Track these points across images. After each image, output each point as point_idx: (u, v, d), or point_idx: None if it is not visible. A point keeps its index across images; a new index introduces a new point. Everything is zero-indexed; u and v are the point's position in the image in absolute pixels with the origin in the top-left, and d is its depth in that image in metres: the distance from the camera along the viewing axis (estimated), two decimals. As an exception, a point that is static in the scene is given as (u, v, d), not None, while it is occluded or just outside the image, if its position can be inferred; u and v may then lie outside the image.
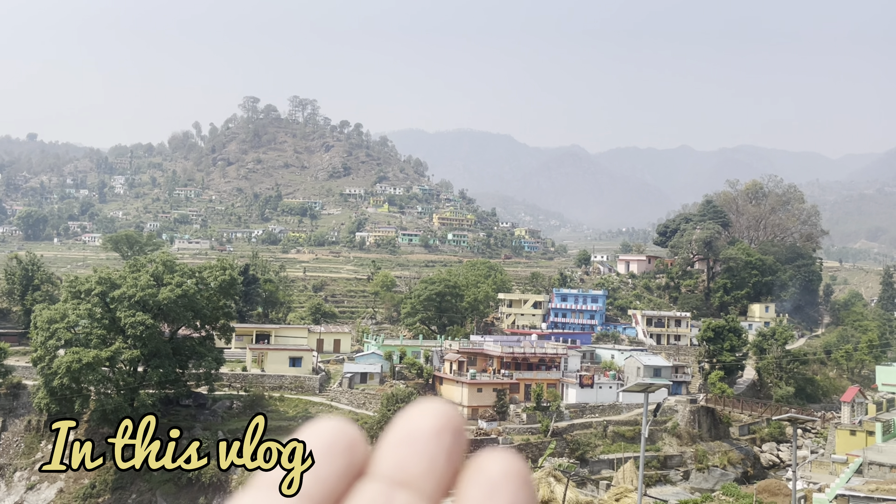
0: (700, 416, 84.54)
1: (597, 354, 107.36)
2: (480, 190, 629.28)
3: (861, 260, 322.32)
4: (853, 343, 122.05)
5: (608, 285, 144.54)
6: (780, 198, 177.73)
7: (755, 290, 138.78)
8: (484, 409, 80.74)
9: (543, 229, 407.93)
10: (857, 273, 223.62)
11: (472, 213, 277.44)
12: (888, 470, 45.55)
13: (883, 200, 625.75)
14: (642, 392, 20.92)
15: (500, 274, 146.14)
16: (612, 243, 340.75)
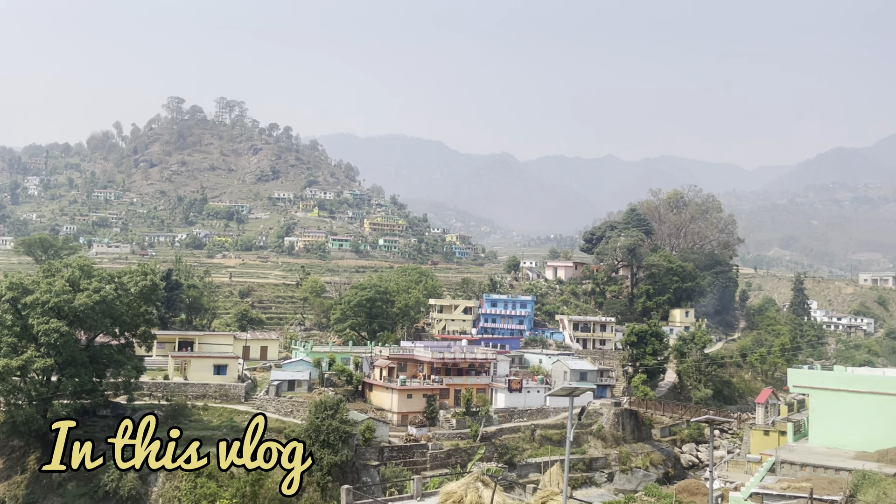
0: (624, 419, 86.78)
1: (525, 359, 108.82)
2: (412, 196, 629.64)
3: (774, 267, 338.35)
4: (767, 346, 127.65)
5: (537, 291, 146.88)
6: (700, 207, 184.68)
7: (676, 296, 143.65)
8: (414, 414, 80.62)
9: (474, 235, 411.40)
10: (771, 279, 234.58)
11: (404, 219, 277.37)
12: (799, 468, 47.70)
13: (794, 210, 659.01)
14: (567, 396, 21.33)
15: (431, 280, 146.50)
16: (541, 250, 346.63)
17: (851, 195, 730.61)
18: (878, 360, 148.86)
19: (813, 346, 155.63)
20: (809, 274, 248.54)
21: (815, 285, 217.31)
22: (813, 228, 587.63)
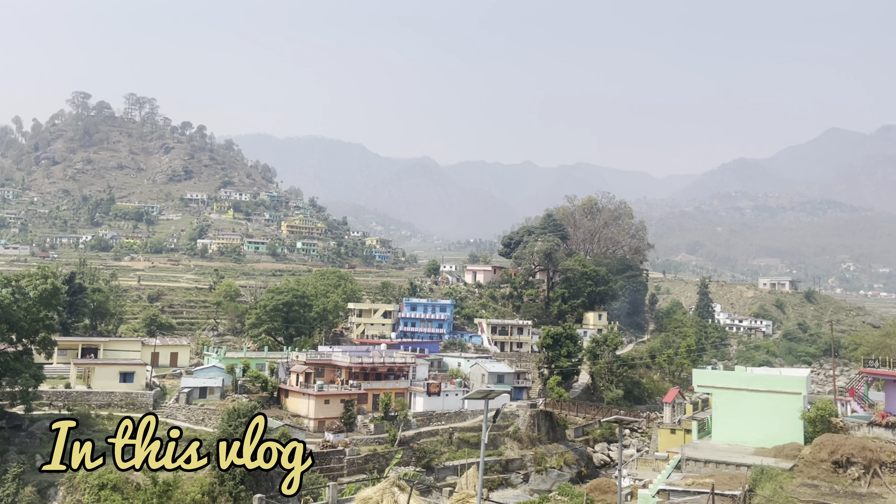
0: (540, 420, 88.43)
1: (444, 363, 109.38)
2: (331, 198, 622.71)
3: (681, 271, 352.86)
4: (674, 348, 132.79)
5: (456, 295, 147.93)
6: (613, 213, 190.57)
7: (590, 299, 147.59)
8: (331, 420, 79.62)
9: (395, 239, 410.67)
10: (678, 283, 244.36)
11: (323, 222, 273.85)
12: (703, 465, 49.92)
13: (700, 217, 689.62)
14: (483, 399, 21.57)
15: (351, 284, 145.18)
16: (461, 254, 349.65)
17: (752, 203, 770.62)
18: (776, 361, 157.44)
19: (716, 348, 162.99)
20: (714, 278, 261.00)
21: (719, 289, 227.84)
22: (717, 235, 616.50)
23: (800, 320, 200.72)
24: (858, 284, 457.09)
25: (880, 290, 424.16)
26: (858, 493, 39.50)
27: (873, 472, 41.53)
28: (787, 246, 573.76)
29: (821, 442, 44.89)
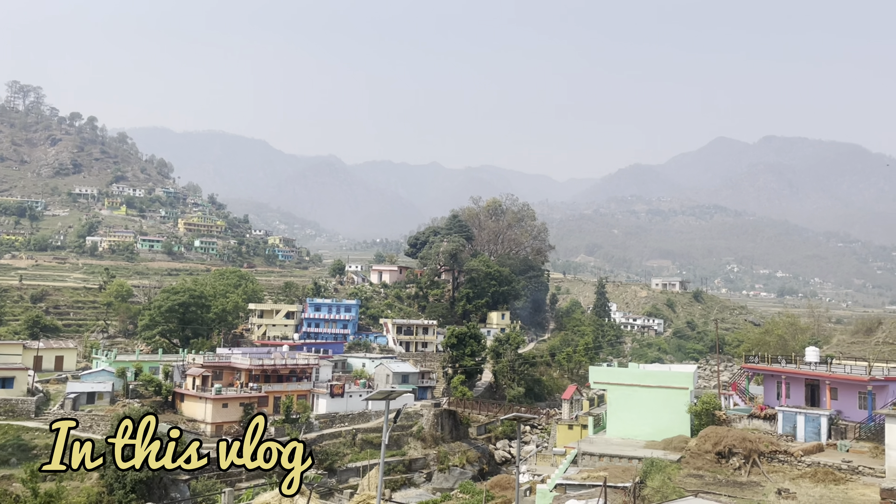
0: (443, 419, 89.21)
1: (349, 363, 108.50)
2: (232, 195, 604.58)
3: (581, 272, 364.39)
4: (573, 346, 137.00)
5: (361, 295, 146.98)
6: (516, 215, 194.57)
7: (494, 299, 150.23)
8: (230, 424, 77.37)
9: (298, 238, 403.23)
10: (577, 284, 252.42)
11: (223, 220, 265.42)
12: (597, 459, 51.82)
13: (599, 220, 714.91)
14: (384, 399, 21.63)
15: (252, 283, 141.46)
16: (367, 254, 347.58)
17: (647, 207, 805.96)
18: (667, 357, 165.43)
19: (612, 345, 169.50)
20: (610, 279, 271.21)
21: (615, 289, 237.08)
22: (614, 237, 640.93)
23: (688, 319, 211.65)
24: (741, 285, 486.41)
25: (761, 290, 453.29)
26: (739, 481, 42.11)
27: (752, 462, 44.40)
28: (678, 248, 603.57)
29: (705, 434, 47.56)
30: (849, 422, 51.16)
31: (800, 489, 39.17)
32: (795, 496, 37.78)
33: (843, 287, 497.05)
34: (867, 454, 44.93)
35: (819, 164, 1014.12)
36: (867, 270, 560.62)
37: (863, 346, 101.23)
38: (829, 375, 54.52)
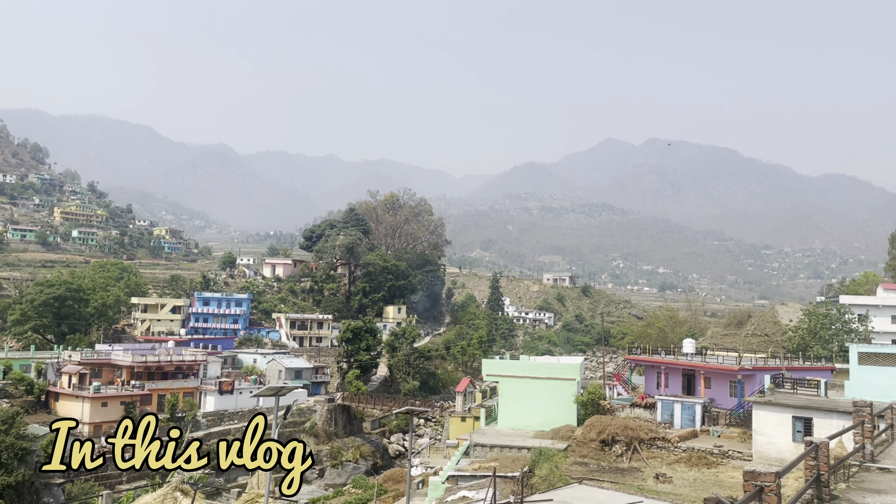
0: (337, 414, 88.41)
1: (239, 359, 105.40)
2: (115, 184, 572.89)
3: (476, 267, 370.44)
4: (467, 339, 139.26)
5: (253, 289, 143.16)
6: (414, 209, 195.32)
7: (390, 293, 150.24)
8: (109, 424, 73.43)
9: (187, 230, 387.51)
10: (473, 278, 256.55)
11: (104, 209, 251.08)
12: (489, 449, 52.91)
13: (494, 216, 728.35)
14: (274, 396, 21.21)
15: (135, 276, 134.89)
16: (260, 246, 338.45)
17: (540, 204, 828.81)
18: (557, 350, 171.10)
19: (505, 338, 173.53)
20: (504, 273, 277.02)
21: (509, 283, 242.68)
22: (508, 233, 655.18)
23: (577, 312, 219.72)
24: (626, 280, 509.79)
25: (644, 286, 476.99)
26: (621, 468, 44.19)
27: (633, 449, 46.70)
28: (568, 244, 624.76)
29: (591, 423, 49.58)
30: (721, 409, 54.78)
31: (676, 473, 41.58)
32: (672, 480, 40.06)
33: (717, 282, 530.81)
34: (736, 439, 48.27)
35: (698, 167, 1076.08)
36: (739, 267, 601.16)
37: (734, 337, 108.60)
38: (704, 366, 58.15)
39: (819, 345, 75.74)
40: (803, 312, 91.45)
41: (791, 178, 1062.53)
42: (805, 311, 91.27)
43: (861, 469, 11.52)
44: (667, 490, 37.15)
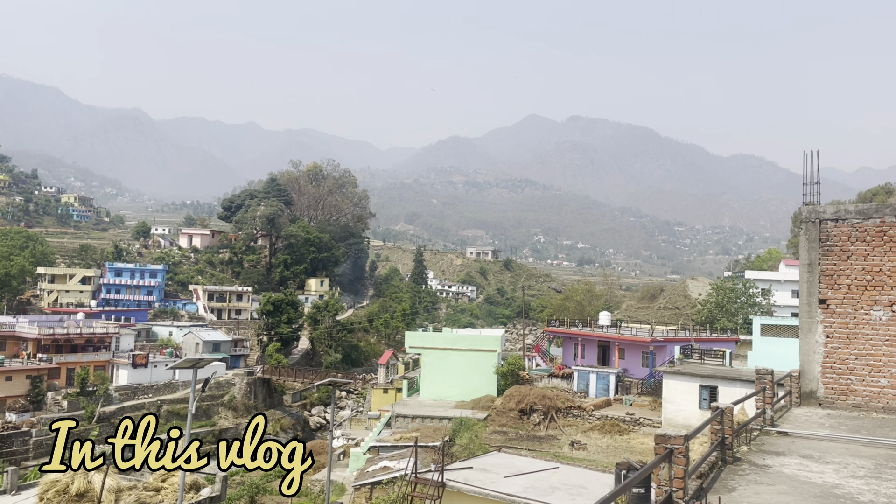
0: (257, 388, 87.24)
1: (154, 332, 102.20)
2: (18, 147, 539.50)
3: (400, 240, 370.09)
4: (391, 312, 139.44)
5: (169, 260, 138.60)
6: (337, 181, 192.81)
7: (313, 266, 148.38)
8: (14, 399, 70.21)
9: (97, 197, 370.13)
10: (397, 251, 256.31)
11: (7, 174, 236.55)
12: (410, 420, 53.48)
13: (419, 189, 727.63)
14: (191, 368, 20.73)
15: (41, 245, 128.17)
16: (176, 216, 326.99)
17: (464, 179, 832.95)
18: (478, 322, 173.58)
19: (429, 311, 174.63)
20: (428, 247, 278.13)
21: (433, 257, 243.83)
22: (433, 206, 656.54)
23: (499, 286, 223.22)
24: (547, 255, 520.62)
25: (563, 260, 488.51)
26: (538, 436, 45.54)
27: (550, 417, 48.18)
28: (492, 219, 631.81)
29: (510, 393, 50.79)
30: (633, 378, 57.10)
31: (590, 440, 43.21)
32: (586, 447, 41.62)
33: (633, 258, 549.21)
34: (647, 407, 50.50)
35: (617, 145, 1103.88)
36: (653, 243, 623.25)
37: (647, 310, 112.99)
38: (618, 337, 60.37)
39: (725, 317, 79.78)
40: (711, 287, 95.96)
41: (704, 157, 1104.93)
42: (713, 286, 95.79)
43: (762, 433, 12.28)
44: (581, 456, 38.58)
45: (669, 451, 6.96)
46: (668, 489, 6.91)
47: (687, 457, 7.00)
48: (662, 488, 6.96)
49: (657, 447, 7.08)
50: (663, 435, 7.12)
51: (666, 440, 7.03)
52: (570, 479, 23.94)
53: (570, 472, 25.50)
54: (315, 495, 49.48)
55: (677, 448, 6.98)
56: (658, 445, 7.08)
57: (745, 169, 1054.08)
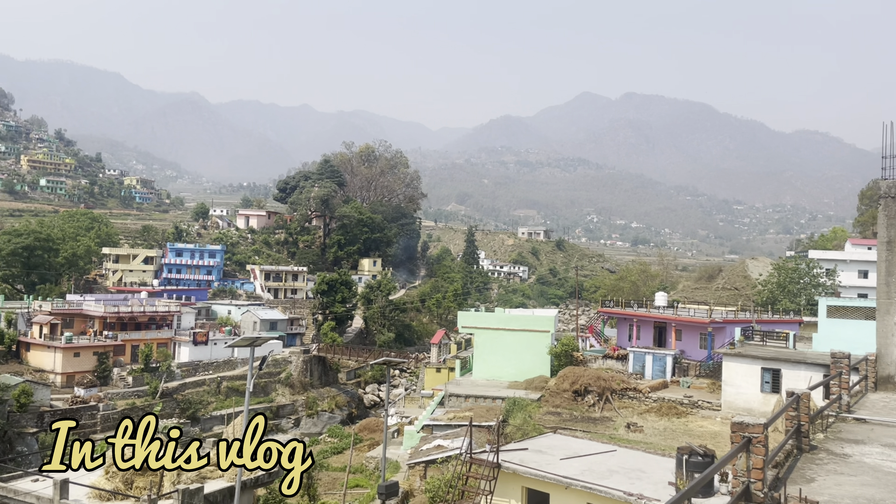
0: (312, 365, 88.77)
1: (213, 311, 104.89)
2: (83, 132, 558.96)
3: (451, 220, 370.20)
4: (443, 292, 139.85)
5: (227, 240, 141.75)
6: (389, 162, 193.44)
7: (365, 246, 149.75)
8: (82, 374, 73.09)
9: (158, 180, 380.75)
10: (448, 232, 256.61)
11: (72, 158, 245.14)
12: (463, 400, 53.59)
13: (470, 169, 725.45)
14: (249, 346, 21.02)
15: (106, 226, 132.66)
16: (233, 197, 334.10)
17: (515, 158, 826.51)
18: (530, 302, 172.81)
19: (480, 291, 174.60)
20: (479, 227, 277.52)
21: (484, 237, 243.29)
22: (484, 186, 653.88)
23: (551, 266, 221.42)
24: (600, 234, 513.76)
25: (617, 240, 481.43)
26: (593, 417, 45.03)
27: (605, 399, 47.56)
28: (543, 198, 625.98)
29: (564, 374, 50.30)
30: (691, 360, 55.87)
31: (646, 423, 42.48)
32: (642, 429, 40.93)
33: (689, 237, 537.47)
34: (706, 389, 49.37)
35: (673, 122, 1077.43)
36: (711, 222, 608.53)
37: (705, 291, 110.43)
38: (675, 318, 59.04)
39: (787, 299, 77.25)
40: (773, 267, 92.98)
41: (764, 133, 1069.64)
42: (775, 266, 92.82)
43: (838, 419, 11.69)
44: (638, 439, 37.96)
45: (747, 440, 6.57)
46: (746, 480, 6.53)
47: (766, 446, 6.59)
48: (739, 479, 6.58)
49: (734, 435, 6.69)
50: (741, 423, 6.72)
51: (743, 428, 6.64)
52: (628, 463, 23.50)
53: (627, 455, 25.05)
54: (370, 472, 50.15)
55: (756, 437, 6.58)
56: (735, 433, 6.68)
57: (808, 145, 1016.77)
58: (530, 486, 22.06)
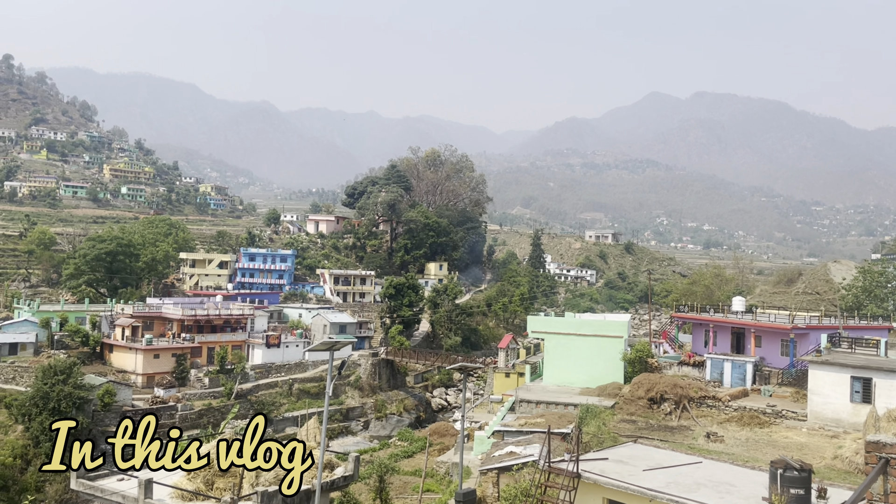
0: (380, 369, 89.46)
1: (284, 314, 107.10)
2: (161, 141, 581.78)
3: (517, 224, 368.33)
4: (509, 296, 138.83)
5: (297, 245, 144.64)
6: (454, 166, 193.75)
7: (432, 250, 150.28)
8: (161, 375, 75.66)
9: (231, 186, 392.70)
10: (514, 235, 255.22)
11: (151, 166, 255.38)
12: (534, 406, 52.78)
13: (535, 173, 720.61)
14: (328, 350, 21.08)
15: (183, 232, 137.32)
16: (303, 203, 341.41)
17: (581, 161, 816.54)
18: (599, 307, 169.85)
19: (547, 296, 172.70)
20: (545, 231, 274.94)
21: (550, 241, 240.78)
22: (549, 189, 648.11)
23: (619, 270, 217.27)
24: (670, 237, 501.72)
25: (688, 243, 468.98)
26: (670, 426, 43.60)
27: (682, 407, 46.01)
28: (611, 201, 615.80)
29: (638, 381, 48.92)
30: (772, 368, 53.55)
31: (727, 432, 40.84)
32: (723, 439, 39.37)
33: (764, 240, 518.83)
34: (789, 398, 47.18)
35: (747, 121, 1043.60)
36: (787, 224, 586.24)
37: (784, 296, 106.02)
38: (754, 324, 56.71)
39: (874, 303, 73.44)
40: (858, 270, 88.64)
41: (845, 131, 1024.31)
42: (860, 269, 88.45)
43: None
44: (719, 449, 36.51)
45: (885, 461, 5.95)
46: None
47: (907, 468, 5.94)
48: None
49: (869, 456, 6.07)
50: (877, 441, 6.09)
51: (880, 448, 6.01)
52: (716, 476, 22.47)
53: (714, 467, 23.99)
54: (440, 477, 49.96)
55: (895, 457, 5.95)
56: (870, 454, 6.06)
57: (892, 143, 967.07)
58: (612, 497, 21.36)
